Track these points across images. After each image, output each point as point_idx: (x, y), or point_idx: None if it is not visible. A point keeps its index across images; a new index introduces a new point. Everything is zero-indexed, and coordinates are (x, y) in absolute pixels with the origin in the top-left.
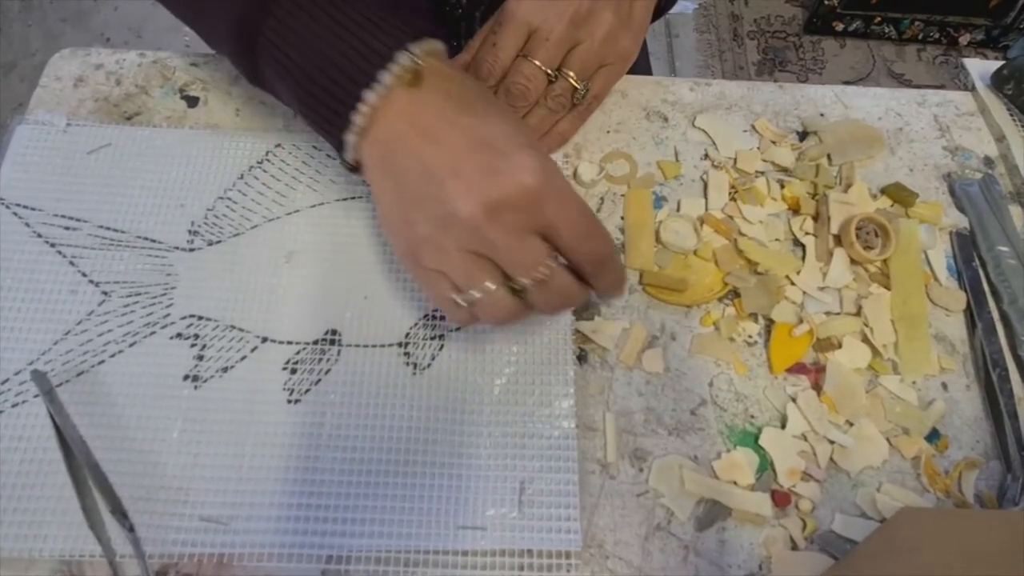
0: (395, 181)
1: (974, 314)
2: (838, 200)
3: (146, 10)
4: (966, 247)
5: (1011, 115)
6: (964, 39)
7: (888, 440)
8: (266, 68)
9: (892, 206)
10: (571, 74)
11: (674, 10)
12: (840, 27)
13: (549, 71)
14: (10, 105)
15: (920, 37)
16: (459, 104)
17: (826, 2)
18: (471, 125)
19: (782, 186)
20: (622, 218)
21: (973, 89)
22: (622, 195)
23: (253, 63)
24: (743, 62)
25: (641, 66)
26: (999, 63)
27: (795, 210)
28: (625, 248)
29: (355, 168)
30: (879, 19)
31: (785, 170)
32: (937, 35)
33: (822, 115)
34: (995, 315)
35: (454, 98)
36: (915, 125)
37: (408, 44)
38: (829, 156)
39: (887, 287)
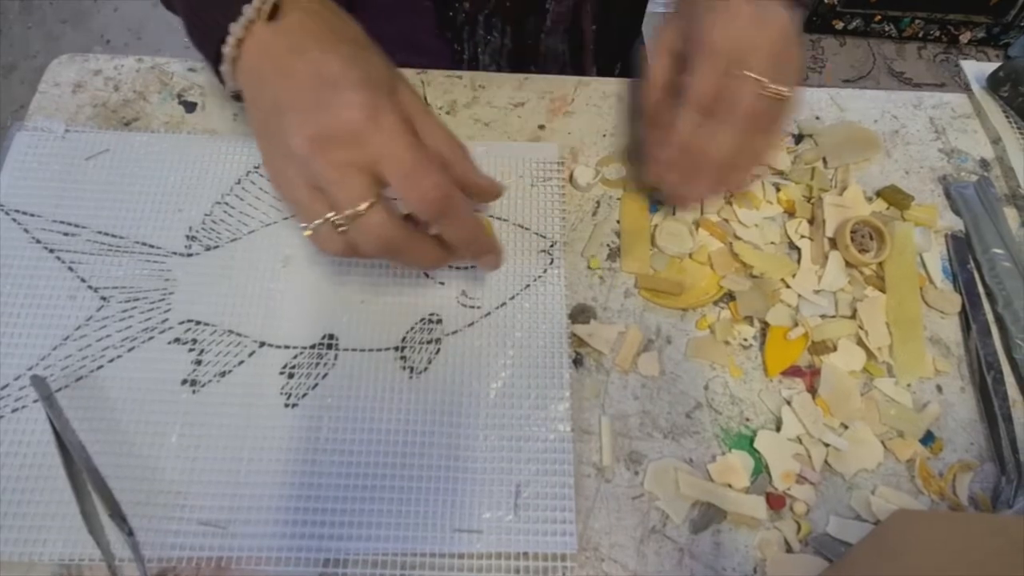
0: (257, 112)
1: (969, 316)
2: (833, 203)
3: (146, 11)
4: (961, 249)
5: (1007, 117)
6: (964, 37)
7: (883, 443)
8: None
9: (888, 209)
10: (784, 89)
11: (672, 8)
12: (840, 25)
13: (768, 89)
14: (10, 107)
15: (920, 35)
16: (313, 38)
17: (826, 0)
18: (316, 60)
19: (778, 189)
20: (618, 222)
21: (969, 91)
22: (618, 199)
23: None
24: None
25: (637, 60)
26: (995, 65)
27: (791, 213)
28: (621, 252)
29: (236, 97)
30: (879, 17)
31: (781, 173)
32: (937, 33)
33: (818, 118)
34: (990, 317)
35: (309, 31)
36: (911, 127)
37: None
38: (825, 159)
39: (882, 290)
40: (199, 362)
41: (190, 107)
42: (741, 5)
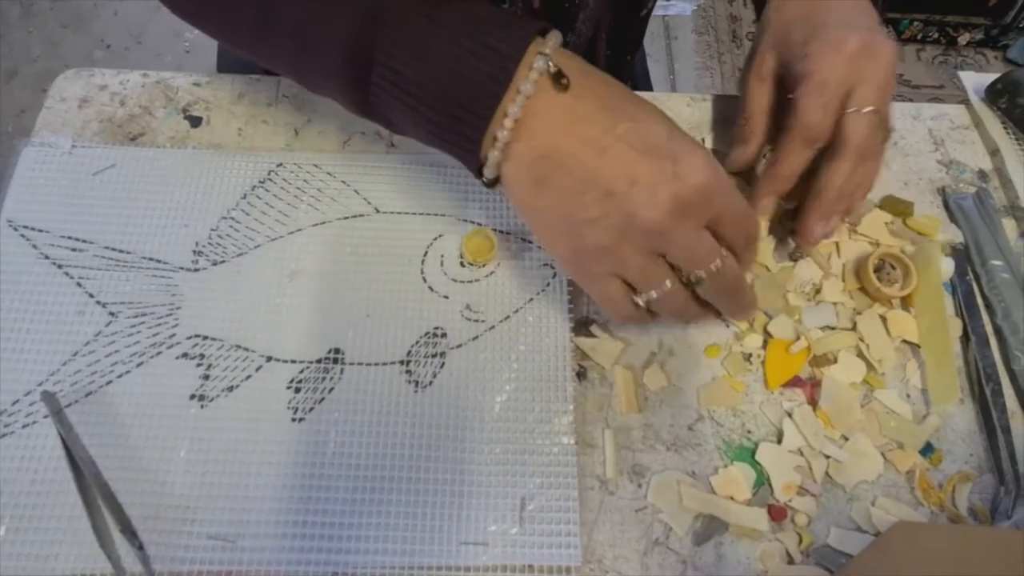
0: (556, 195)
1: (968, 328)
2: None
3: (146, 15)
4: (960, 262)
5: (1005, 128)
6: (963, 39)
7: (883, 454)
8: (382, 95)
9: (891, 221)
10: (890, 118)
11: (672, 12)
12: None
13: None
14: (11, 111)
15: (919, 37)
16: (609, 108)
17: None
18: (630, 129)
19: None
20: None
21: (967, 102)
22: None
23: (365, 91)
24: (741, 63)
25: (639, 71)
26: (994, 75)
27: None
28: None
29: (492, 183)
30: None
31: None
32: (936, 35)
33: None
34: (989, 329)
35: (603, 101)
36: (910, 139)
37: (535, 40)
38: None
39: (882, 303)
40: (207, 377)
41: (195, 121)
42: (848, 36)
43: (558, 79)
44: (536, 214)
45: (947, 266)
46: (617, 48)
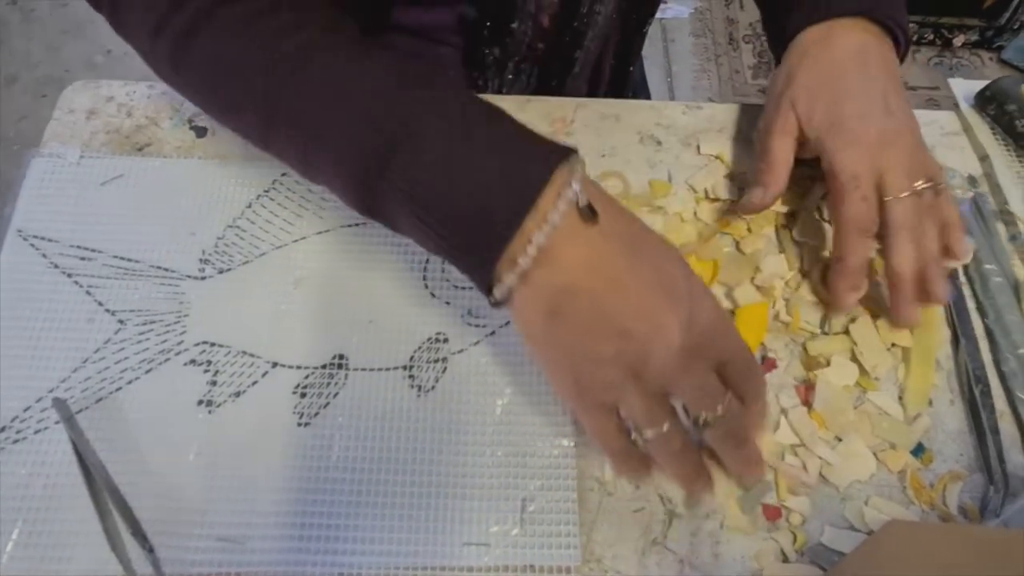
0: (567, 327)
1: (958, 331)
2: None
3: None
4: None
5: (994, 135)
6: (958, 40)
7: (875, 454)
8: (389, 201)
9: None
10: (924, 184)
11: (669, 15)
12: None
13: (916, 194)
14: (12, 117)
15: (914, 39)
16: (632, 247)
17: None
18: (651, 271)
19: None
20: None
21: (957, 109)
22: None
23: (372, 194)
24: (739, 66)
25: (637, 76)
26: (982, 83)
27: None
28: None
29: (499, 304)
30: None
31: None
32: (931, 37)
33: None
34: (979, 331)
35: (627, 239)
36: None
37: (563, 164)
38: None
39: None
40: (214, 383)
41: (201, 132)
42: (866, 131)
43: (588, 212)
44: (544, 343)
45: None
46: (621, 61)
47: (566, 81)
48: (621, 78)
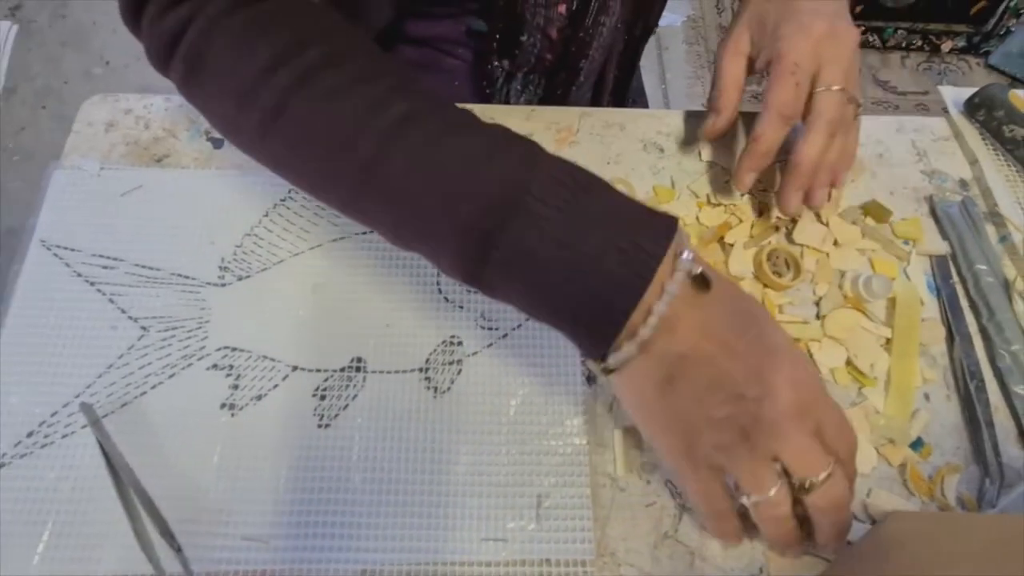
0: (683, 392)
1: (952, 329)
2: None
3: None
4: (944, 266)
5: (983, 140)
6: (946, 46)
7: (876, 449)
8: (503, 271)
9: (864, 217)
10: (856, 95)
11: (663, 23)
12: None
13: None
14: (12, 129)
15: (903, 45)
16: (739, 312)
17: None
18: (759, 335)
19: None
20: None
21: (948, 115)
22: None
23: (482, 265)
24: None
25: (636, 84)
26: (972, 90)
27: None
28: None
29: (612, 371)
30: (863, 28)
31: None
32: (920, 43)
33: None
34: (973, 329)
35: (734, 304)
36: (894, 150)
37: (672, 237)
38: None
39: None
40: (236, 387)
41: (218, 143)
42: (815, 22)
43: (701, 281)
44: (659, 409)
45: (918, 275)
46: (623, 71)
47: (571, 91)
48: (623, 86)
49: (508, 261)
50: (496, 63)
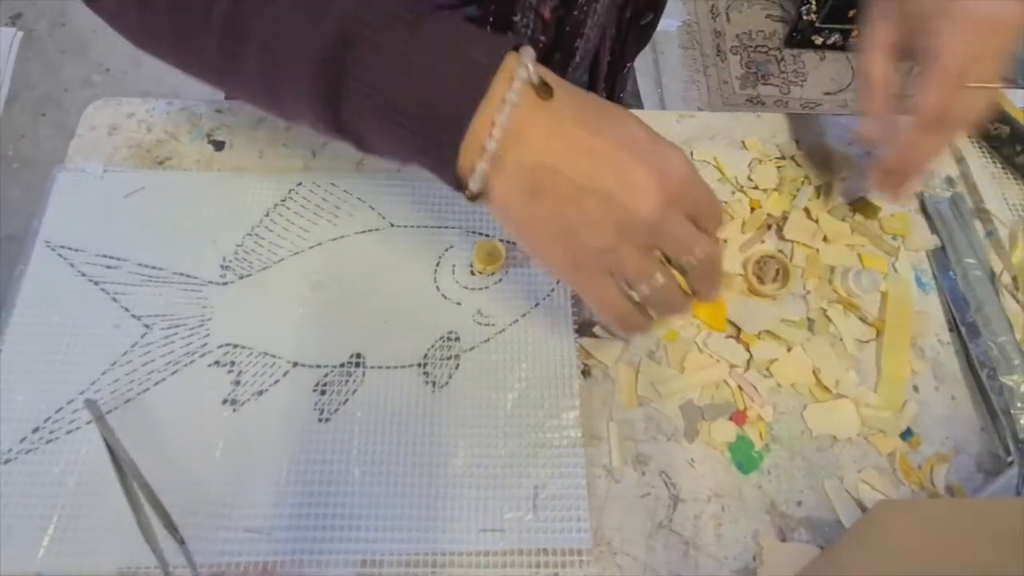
0: (553, 202)
1: (956, 320)
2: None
3: None
4: (942, 259)
5: (969, 138)
6: None
7: (865, 439)
8: (356, 108)
9: (852, 214)
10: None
11: (659, 28)
12: (819, 40)
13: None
14: (12, 136)
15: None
16: (592, 113)
17: (805, 17)
18: (615, 133)
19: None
20: None
21: None
22: None
23: (338, 104)
24: (727, 76)
25: (630, 87)
26: None
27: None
28: None
29: (476, 197)
30: (857, 32)
31: (765, 191)
32: None
33: (797, 141)
34: (978, 321)
35: (584, 107)
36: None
37: (511, 52)
38: (808, 178)
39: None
40: (238, 383)
41: (219, 146)
42: (975, 8)
43: (542, 88)
44: (530, 224)
45: (907, 269)
46: (617, 56)
47: (567, 72)
48: (618, 71)
49: (358, 92)
50: None
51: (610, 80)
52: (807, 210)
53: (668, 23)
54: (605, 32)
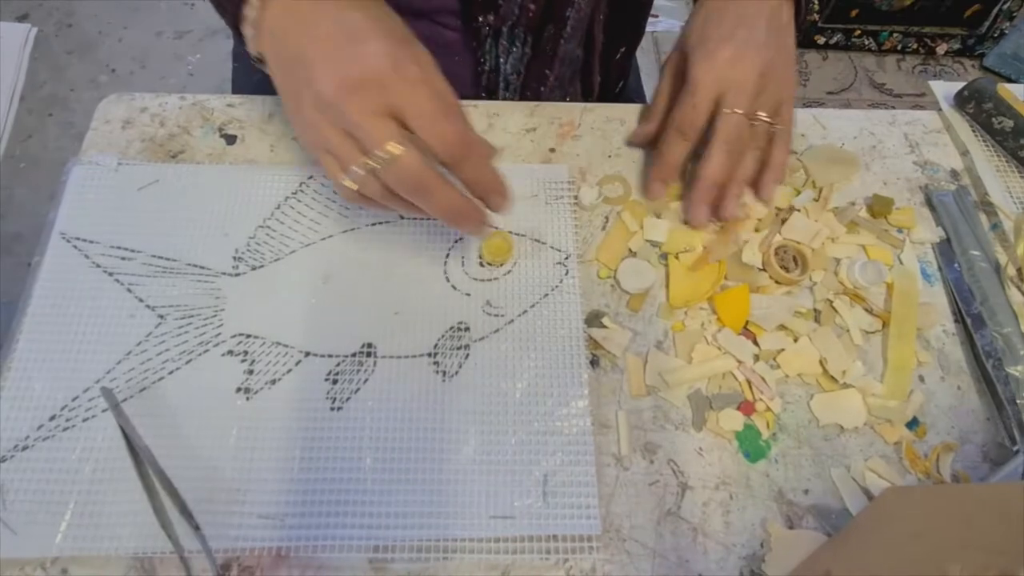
0: (283, 70)
1: (962, 311)
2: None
3: (149, 41)
4: (947, 252)
5: (973, 132)
6: (941, 49)
7: (872, 428)
8: None
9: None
10: (763, 115)
11: (661, 28)
12: (822, 40)
13: (750, 118)
14: (19, 136)
15: (899, 48)
16: (337, 3)
17: (807, 16)
18: (341, 18)
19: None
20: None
21: (939, 108)
22: (618, 212)
23: None
24: None
25: (634, 87)
26: (961, 84)
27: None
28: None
29: (262, 62)
30: (859, 32)
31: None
32: (915, 46)
33: (803, 135)
34: (983, 312)
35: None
36: (887, 143)
37: None
38: (813, 181)
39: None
40: (251, 372)
41: (231, 139)
42: (720, 49)
43: None
44: (276, 79)
45: (912, 261)
46: (612, 35)
47: (559, 45)
48: (614, 51)
49: None
50: (481, 19)
51: (606, 60)
52: (806, 210)
53: (671, 24)
54: (598, 2)
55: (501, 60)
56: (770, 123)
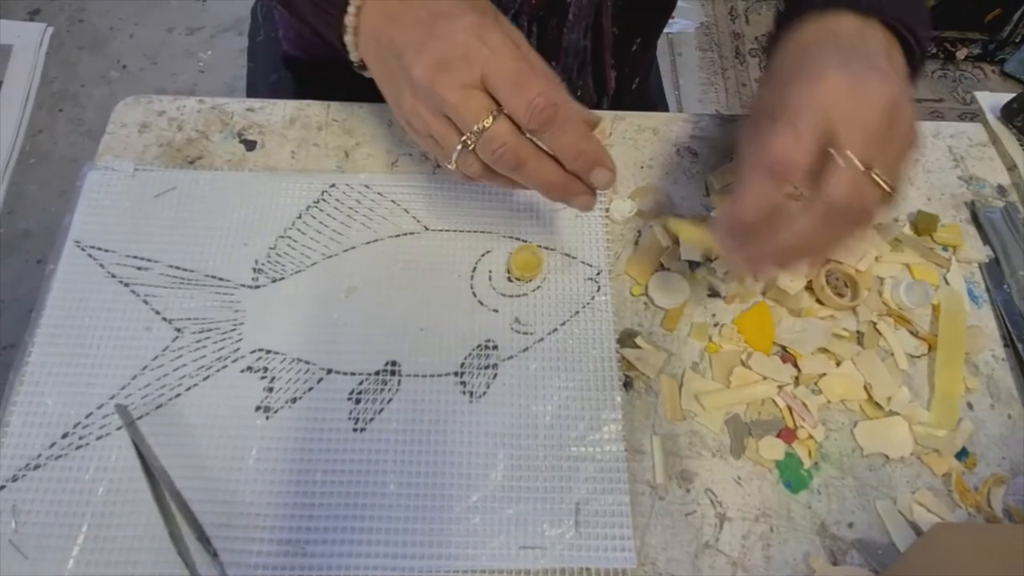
0: (382, 68)
1: (1012, 334)
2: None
3: (160, 38)
4: (995, 272)
5: (1021, 146)
6: (961, 53)
7: (919, 458)
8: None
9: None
10: (882, 178)
11: (676, 29)
12: None
13: (867, 171)
14: (29, 132)
15: None
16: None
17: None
18: (429, 5)
19: None
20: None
21: (984, 120)
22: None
23: None
24: (745, 79)
25: (654, 86)
26: (1009, 95)
27: None
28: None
29: (364, 67)
30: None
31: None
32: (934, 50)
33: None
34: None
35: None
36: (931, 156)
37: None
38: None
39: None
40: (271, 389)
41: (250, 145)
42: (835, 74)
43: None
44: (379, 82)
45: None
46: (626, 27)
47: (563, 33)
48: (628, 44)
49: None
50: None
51: (620, 54)
52: None
53: (685, 24)
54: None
55: None
56: (889, 191)
